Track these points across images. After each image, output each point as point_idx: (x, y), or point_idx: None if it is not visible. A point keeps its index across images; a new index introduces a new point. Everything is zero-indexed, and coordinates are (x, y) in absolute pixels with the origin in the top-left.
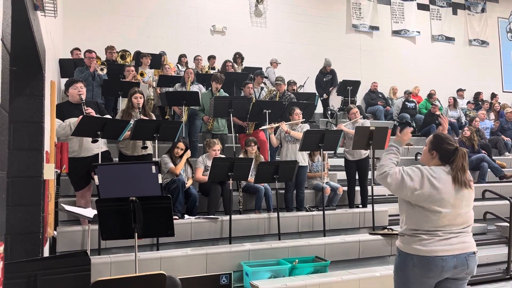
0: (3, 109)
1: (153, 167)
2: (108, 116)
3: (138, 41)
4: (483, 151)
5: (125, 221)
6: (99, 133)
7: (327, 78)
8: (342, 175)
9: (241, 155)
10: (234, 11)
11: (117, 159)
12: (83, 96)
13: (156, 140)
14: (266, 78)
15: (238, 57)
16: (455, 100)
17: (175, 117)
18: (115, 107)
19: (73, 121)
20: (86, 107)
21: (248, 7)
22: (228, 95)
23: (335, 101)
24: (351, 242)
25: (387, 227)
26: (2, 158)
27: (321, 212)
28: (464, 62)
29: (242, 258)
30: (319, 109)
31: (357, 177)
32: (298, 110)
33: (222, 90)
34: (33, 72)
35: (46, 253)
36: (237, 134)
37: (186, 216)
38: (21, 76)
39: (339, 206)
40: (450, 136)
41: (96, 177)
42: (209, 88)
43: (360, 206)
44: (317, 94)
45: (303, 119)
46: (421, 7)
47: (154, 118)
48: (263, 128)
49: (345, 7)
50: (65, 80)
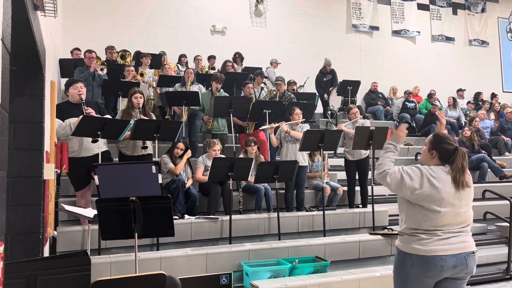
0: (3, 109)
1: (153, 167)
2: (108, 116)
3: (138, 41)
4: (483, 151)
5: (125, 221)
6: (99, 133)
7: (327, 78)
8: (342, 175)
9: (241, 155)
10: (234, 11)
11: (117, 159)
12: (83, 96)
13: (156, 140)
14: (266, 78)
15: (238, 57)
16: (455, 100)
17: (175, 117)
18: (115, 107)
19: (73, 121)
20: (86, 107)
21: (248, 7)
22: (228, 95)
23: (335, 101)
24: (351, 242)
25: (387, 227)
26: (2, 158)
27: (321, 212)
28: (464, 62)
29: (242, 258)
30: (319, 109)
31: (357, 177)
32: (298, 110)
33: (222, 90)
34: (33, 72)
35: (46, 253)
36: (237, 134)
37: (186, 216)
38: (21, 76)
39: (339, 206)
40: (450, 136)
41: (96, 177)
42: (209, 88)
43: (360, 206)
44: (317, 94)
45: (303, 119)
46: (421, 7)
47: (154, 118)
48: (263, 128)
49: (345, 7)
50: (65, 80)
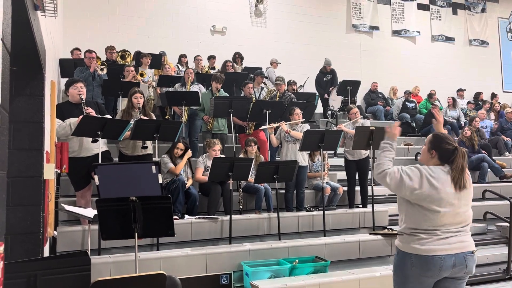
0: (3, 109)
1: (153, 167)
2: (108, 116)
3: (138, 41)
4: (483, 151)
5: (125, 221)
6: (99, 133)
7: (327, 78)
8: (342, 175)
9: (241, 155)
10: (234, 11)
11: (117, 159)
12: (83, 96)
13: (156, 140)
14: (266, 78)
15: (238, 57)
16: (454, 100)
17: (175, 117)
18: (115, 107)
19: (73, 121)
20: (86, 107)
21: (248, 7)
22: (228, 95)
23: (335, 101)
24: (351, 242)
25: (387, 227)
26: (2, 158)
27: (321, 212)
28: (464, 62)
29: (242, 258)
30: (319, 109)
31: (357, 177)
32: (298, 110)
33: (222, 90)
34: (33, 72)
35: (46, 253)
36: (237, 134)
37: (186, 216)
38: (21, 76)
39: (339, 206)
40: (450, 136)
41: (96, 177)
42: (209, 88)
43: (360, 206)
44: (317, 94)
45: (303, 119)
46: (421, 7)
47: (154, 118)
48: (263, 128)
49: (345, 7)
50: (65, 80)
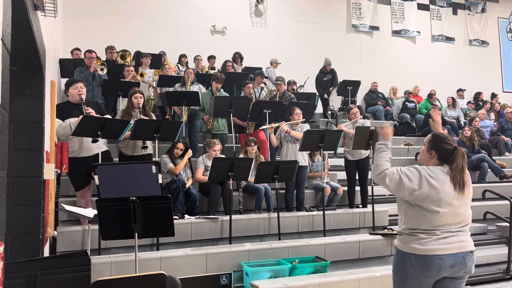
0: (3, 109)
1: (153, 167)
2: (108, 116)
3: (138, 41)
4: (483, 151)
5: (125, 221)
6: (99, 133)
7: (327, 78)
8: (342, 175)
9: (241, 155)
10: (234, 11)
11: (117, 159)
12: (83, 96)
13: (156, 140)
14: (266, 78)
15: (238, 57)
16: (454, 100)
17: (175, 117)
18: (115, 107)
19: (73, 121)
20: (86, 107)
21: (248, 7)
22: (228, 95)
23: (335, 101)
24: (351, 242)
25: (387, 227)
26: (2, 158)
27: (321, 212)
28: (464, 62)
29: (242, 258)
30: (319, 109)
31: (357, 177)
32: (298, 110)
33: (222, 90)
34: (33, 72)
35: (46, 253)
36: (237, 134)
37: (186, 216)
38: (21, 76)
39: (339, 206)
40: (449, 136)
41: (96, 177)
42: (209, 88)
43: (360, 206)
44: (317, 94)
45: (303, 119)
46: (421, 7)
47: (154, 118)
48: (263, 128)
49: (345, 7)
50: (65, 80)
